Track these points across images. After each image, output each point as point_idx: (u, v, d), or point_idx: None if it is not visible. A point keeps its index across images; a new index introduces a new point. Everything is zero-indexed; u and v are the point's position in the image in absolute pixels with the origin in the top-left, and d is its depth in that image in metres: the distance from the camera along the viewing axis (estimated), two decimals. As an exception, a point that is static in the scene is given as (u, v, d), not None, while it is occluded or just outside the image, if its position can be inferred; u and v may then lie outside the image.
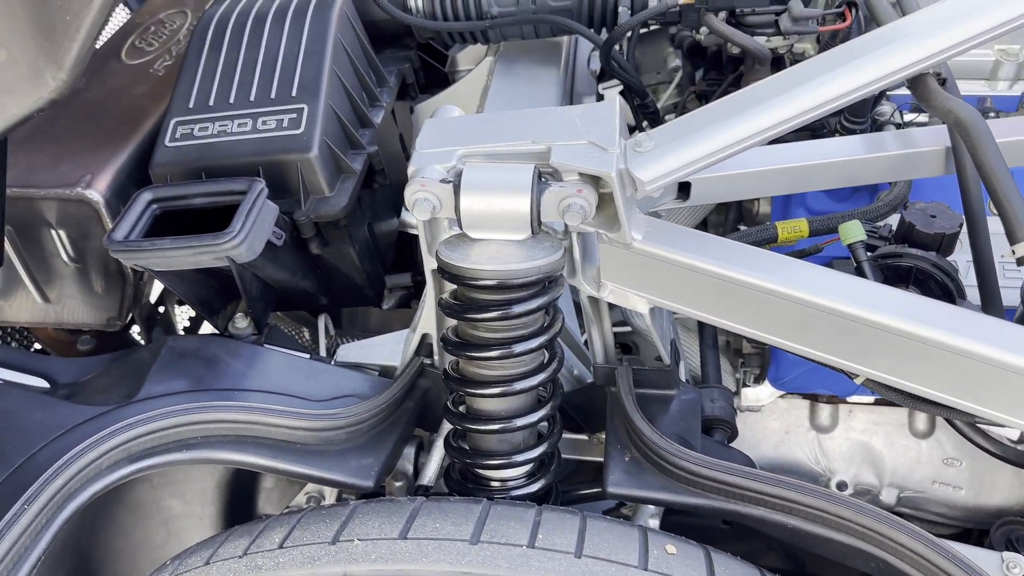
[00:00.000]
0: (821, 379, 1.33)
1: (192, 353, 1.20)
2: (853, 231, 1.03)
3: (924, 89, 1.04)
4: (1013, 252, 0.93)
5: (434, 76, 1.84)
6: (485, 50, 1.76)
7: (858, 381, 0.97)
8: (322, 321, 1.48)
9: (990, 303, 1.05)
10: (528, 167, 0.96)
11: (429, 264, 1.07)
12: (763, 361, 1.44)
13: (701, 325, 1.44)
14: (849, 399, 1.40)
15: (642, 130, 1.43)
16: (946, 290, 0.99)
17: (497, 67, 1.69)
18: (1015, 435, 1.03)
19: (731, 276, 0.96)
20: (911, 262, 1.00)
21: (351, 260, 1.38)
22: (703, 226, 1.61)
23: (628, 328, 1.25)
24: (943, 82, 1.07)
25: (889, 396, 0.96)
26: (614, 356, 1.19)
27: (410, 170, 0.99)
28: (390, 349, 1.26)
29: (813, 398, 1.43)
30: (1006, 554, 1.05)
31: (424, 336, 1.20)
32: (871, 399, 1.38)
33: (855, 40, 1.07)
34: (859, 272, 1.01)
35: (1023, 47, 1.49)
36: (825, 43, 1.31)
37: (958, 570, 0.91)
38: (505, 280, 0.97)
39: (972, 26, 1.00)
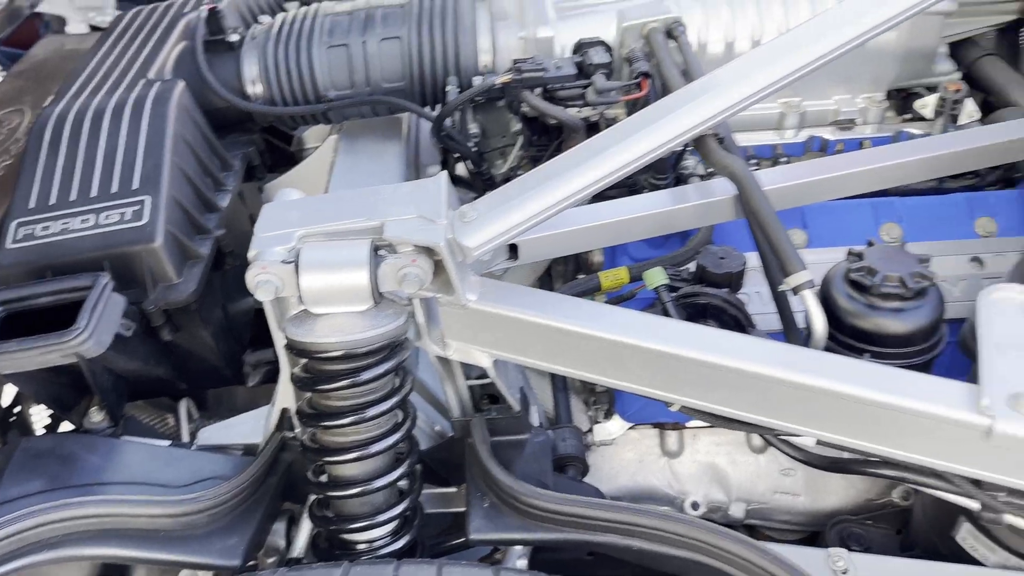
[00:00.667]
0: (661, 408, 1.45)
1: (47, 452, 1.19)
2: (656, 277, 1.16)
3: (705, 148, 1.21)
4: (788, 284, 1.08)
5: (281, 155, 1.90)
6: (330, 127, 1.85)
7: (674, 409, 1.09)
8: (183, 407, 1.49)
9: (788, 328, 1.21)
10: (364, 242, 1.04)
11: (279, 341, 1.12)
12: (611, 397, 1.55)
13: (547, 370, 1.54)
14: (690, 424, 1.53)
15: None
16: (737, 321, 1.14)
17: (341, 144, 1.77)
18: (812, 441, 1.18)
19: (555, 326, 1.07)
20: (706, 299, 1.14)
21: (205, 343, 1.41)
22: (547, 276, 1.73)
23: (486, 379, 1.34)
24: (721, 141, 1.23)
25: (702, 419, 1.09)
26: (471, 409, 1.27)
27: (250, 254, 1.05)
28: (251, 427, 1.29)
29: (660, 426, 1.55)
30: (831, 550, 1.18)
31: (284, 410, 1.25)
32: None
33: (649, 108, 1.22)
34: (664, 312, 1.14)
35: (803, 99, 1.71)
36: (630, 108, 1.47)
37: (780, 569, 1.02)
38: (351, 351, 1.04)
39: (740, 92, 1.17)
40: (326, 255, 1.04)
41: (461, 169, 1.79)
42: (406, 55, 1.60)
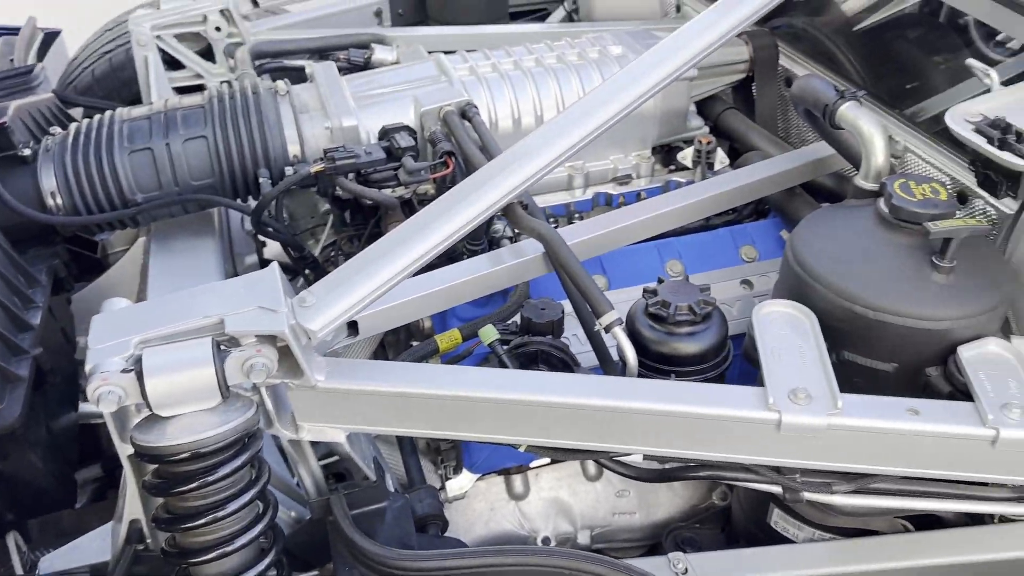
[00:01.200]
0: (505, 454, 1.56)
1: None
2: (489, 333, 1.29)
3: (512, 215, 1.36)
4: (600, 324, 1.24)
5: (87, 263, 1.84)
6: (137, 229, 1.82)
7: (522, 449, 1.20)
8: (11, 540, 1.39)
9: (605, 362, 1.36)
10: (206, 340, 1.07)
11: (124, 451, 1.11)
12: (458, 453, 1.64)
13: (399, 436, 1.60)
14: (532, 464, 1.64)
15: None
16: (564, 363, 1.29)
17: (152, 245, 1.75)
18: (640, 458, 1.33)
19: (405, 391, 1.15)
20: (535, 347, 1.28)
21: (34, 467, 1.34)
22: (381, 348, 1.80)
23: (335, 458, 1.38)
24: (525, 207, 1.39)
25: (547, 455, 1.21)
26: (326, 488, 1.31)
27: (87, 367, 1.04)
28: (97, 546, 1.25)
29: (505, 473, 1.66)
30: (670, 555, 1.33)
31: (132, 522, 1.21)
32: (548, 459, 1.64)
33: (462, 183, 1.34)
34: (501, 364, 1.26)
35: (585, 162, 1.93)
36: (439, 184, 1.60)
37: (629, 576, 1.15)
38: (205, 448, 1.05)
39: (536, 164, 1.33)
40: (169, 357, 1.05)
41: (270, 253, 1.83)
42: (214, 153, 1.64)
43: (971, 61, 1.35)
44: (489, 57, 1.94)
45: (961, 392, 1.16)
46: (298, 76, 1.95)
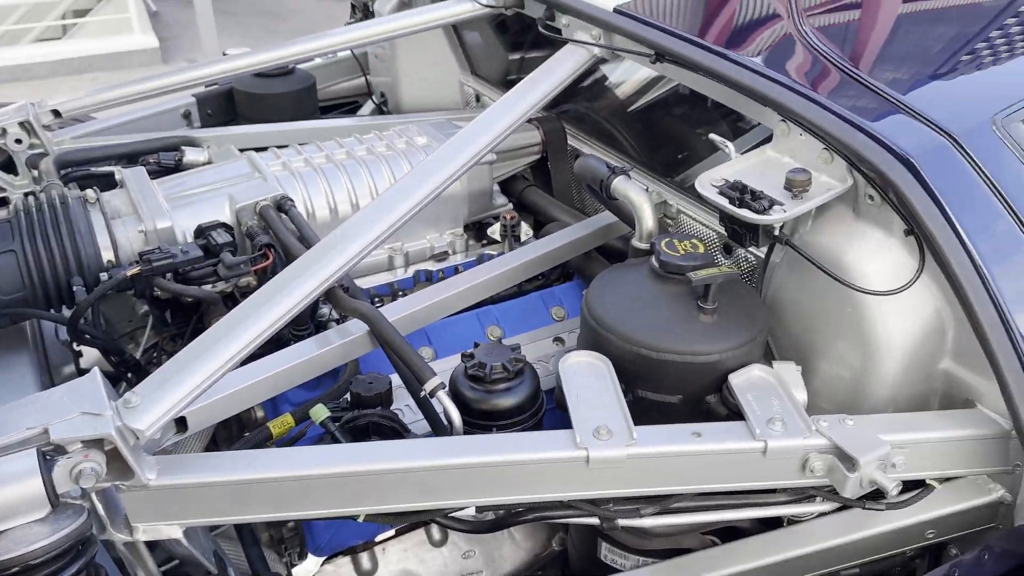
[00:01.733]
0: (349, 532, 1.61)
1: None
2: (320, 412, 1.36)
3: (334, 298, 1.45)
4: (425, 390, 1.34)
5: None
6: (-61, 351, 1.73)
7: (361, 519, 1.27)
8: None
9: (435, 425, 1.46)
10: (30, 451, 1.07)
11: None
12: (301, 538, 1.66)
13: (238, 528, 1.61)
14: (377, 539, 1.69)
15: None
16: (395, 431, 1.38)
17: (-41, 364, 1.68)
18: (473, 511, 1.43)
19: (239, 479, 1.19)
20: (366, 420, 1.36)
21: None
22: (214, 443, 1.80)
23: (175, 562, 1.37)
24: (347, 289, 1.49)
25: (386, 522, 1.28)
26: (166, 591, 1.31)
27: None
28: None
29: (351, 552, 1.69)
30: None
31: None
32: (392, 531, 1.70)
33: (283, 272, 1.42)
34: (334, 439, 1.33)
35: (404, 243, 2.06)
36: (260, 276, 1.66)
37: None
38: (35, 560, 1.05)
39: (353, 249, 1.44)
40: (-9, 473, 1.05)
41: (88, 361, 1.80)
42: (23, 266, 1.61)
43: (712, 136, 1.61)
44: (301, 152, 2.04)
45: (735, 413, 1.36)
46: (107, 182, 1.96)
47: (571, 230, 1.95)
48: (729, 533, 1.54)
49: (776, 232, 1.43)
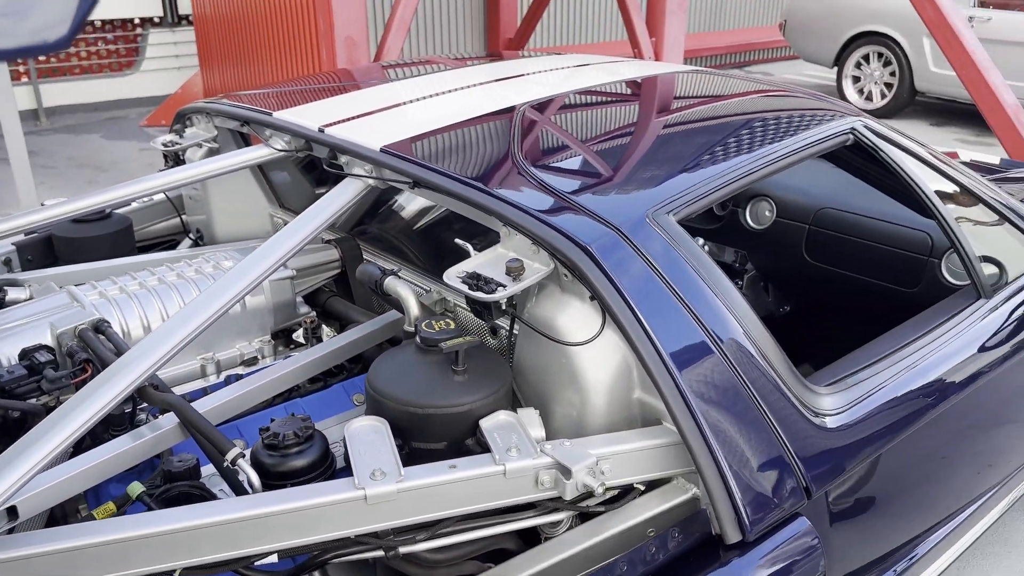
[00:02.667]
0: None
1: None
2: (135, 489, 1.61)
3: (146, 395, 1.73)
4: (227, 459, 1.63)
5: None
6: None
7: (176, 574, 1.51)
8: None
9: (236, 489, 1.73)
10: None
11: None
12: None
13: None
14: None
15: None
16: (203, 497, 1.64)
17: None
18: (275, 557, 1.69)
19: (60, 547, 1.41)
20: (176, 490, 1.62)
21: None
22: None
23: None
24: (156, 387, 1.76)
25: (200, 573, 1.52)
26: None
27: None
28: None
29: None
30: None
31: None
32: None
33: (98, 376, 1.68)
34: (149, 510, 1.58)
35: (215, 352, 2.34)
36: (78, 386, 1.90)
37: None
38: None
39: (157, 354, 1.72)
40: None
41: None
42: None
43: (457, 240, 2.05)
44: (116, 282, 2.31)
45: (487, 451, 1.73)
46: (-71, 323, 2.13)
47: (364, 326, 2.32)
48: (504, 557, 1.88)
49: (504, 307, 1.86)
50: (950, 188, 2.73)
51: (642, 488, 1.81)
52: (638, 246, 1.83)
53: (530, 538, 1.87)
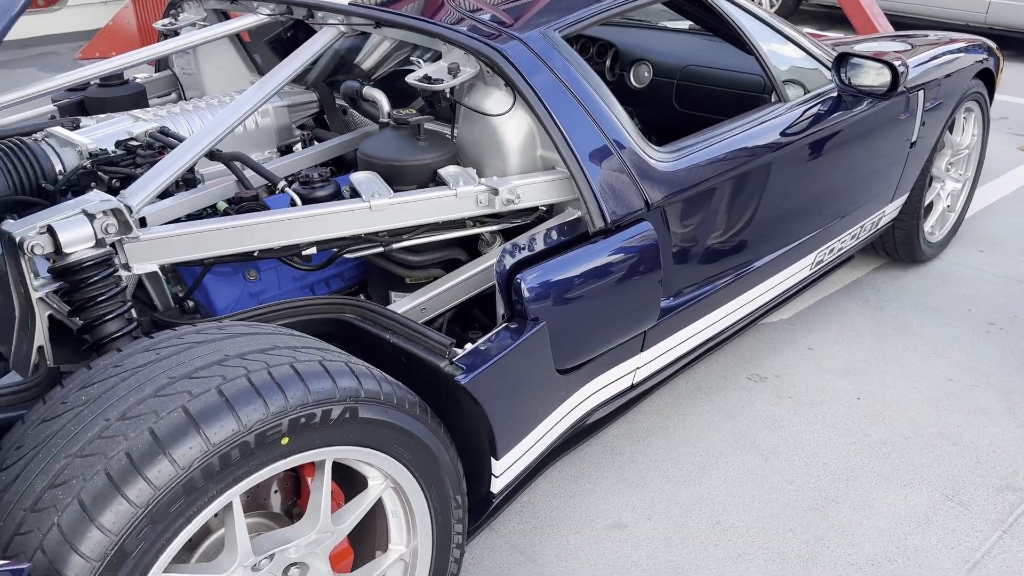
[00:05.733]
0: (246, 302, 2.71)
1: None
2: (221, 205, 2.49)
3: (214, 156, 2.60)
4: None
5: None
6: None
7: (256, 255, 2.41)
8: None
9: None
10: (79, 216, 2.13)
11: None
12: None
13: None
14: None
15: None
16: (263, 207, 2.54)
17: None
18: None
19: (188, 231, 2.30)
20: (247, 205, 2.51)
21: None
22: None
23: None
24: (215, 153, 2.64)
25: (276, 255, 2.43)
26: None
27: (16, 237, 2.04)
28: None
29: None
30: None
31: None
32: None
33: (180, 145, 2.54)
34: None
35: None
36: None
37: None
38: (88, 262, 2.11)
39: (211, 138, 2.59)
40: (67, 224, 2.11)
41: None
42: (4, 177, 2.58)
43: (412, 58, 2.94)
44: (161, 110, 3.14)
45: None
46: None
47: (344, 136, 3.22)
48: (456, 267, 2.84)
49: (448, 95, 2.78)
50: (781, 42, 3.72)
51: (544, 210, 2.79)
52: (536, 50, 2.77)
53: (474, 255, 2.84)
